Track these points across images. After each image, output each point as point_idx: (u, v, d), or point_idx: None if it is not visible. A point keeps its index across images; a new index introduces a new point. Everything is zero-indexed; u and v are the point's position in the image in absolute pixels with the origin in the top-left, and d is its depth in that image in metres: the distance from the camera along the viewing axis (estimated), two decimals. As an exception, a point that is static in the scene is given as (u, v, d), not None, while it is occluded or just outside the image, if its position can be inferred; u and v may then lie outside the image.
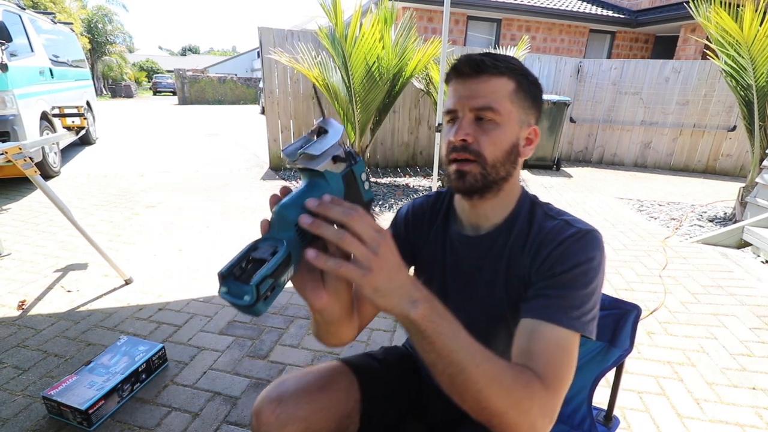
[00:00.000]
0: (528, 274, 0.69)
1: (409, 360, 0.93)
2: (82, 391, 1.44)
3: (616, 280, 2.60)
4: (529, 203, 0.76)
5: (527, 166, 6.14)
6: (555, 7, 9.57)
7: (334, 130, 0.49)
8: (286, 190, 0.50)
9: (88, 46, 23.06)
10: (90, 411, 1.38)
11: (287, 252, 0.43)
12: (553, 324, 0.60)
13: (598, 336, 0.91)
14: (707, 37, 4.09)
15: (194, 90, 21.95)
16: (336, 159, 0.47)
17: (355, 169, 0.50)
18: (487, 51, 0.71)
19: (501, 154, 0.68)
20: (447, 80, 0.73)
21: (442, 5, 5.75)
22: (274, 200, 0.48)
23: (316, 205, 0.44)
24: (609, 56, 10.70)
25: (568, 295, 0.62)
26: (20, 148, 2.01)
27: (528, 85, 0.70)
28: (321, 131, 0.49)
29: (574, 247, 0.65)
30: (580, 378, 0.93)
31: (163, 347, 1.71)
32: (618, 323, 0.89)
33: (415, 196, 1.04)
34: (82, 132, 5.90)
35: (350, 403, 0.78)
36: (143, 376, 1.61)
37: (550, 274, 0.65)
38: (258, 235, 0.46)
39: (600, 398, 0.94)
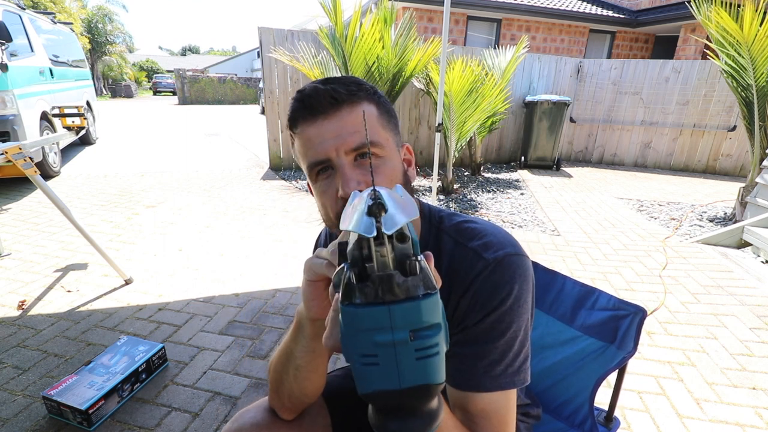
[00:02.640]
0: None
1: None
2: (82, 391, 1.44)
3: (616, 280, 2.60)
4: (434, 230, 0.66)
5: (527, 166, 6.15)
6: (555, 7, 9.56)
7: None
8: None
9: (88, 46, 23.06)
10: (90, 411, 1.38)
11: None
12: (479, 392, 0.55)
13: (601, 336, 0.91)
14: (707, 37, 4.09)
15: (194, 90, 21.95)
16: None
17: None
18: (327, 77, 0.60)
19: None
20: (294, 125, 0.59)
21: (442, 5, 5.74)
22: None
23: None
24: (609, 56, 10.70)
25: (485, 351, 0.56)
26: (20, 148, 2.01)
27: (383, 103, 0.62)
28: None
29: (484, 290, 0.57)
30: (582, 379, 0.93)
31: (163, 347, 1.71)
32: (622, 325, 0.89)
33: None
34: (82, 132, 5.90)
35: (318, 429, 0.73)
36: (143, 376, 1.61)
37: (462, 327, 0.58)
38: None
39: (601, 399, 0.94)
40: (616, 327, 0.89)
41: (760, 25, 3.29)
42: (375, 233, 0.29)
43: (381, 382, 0.30)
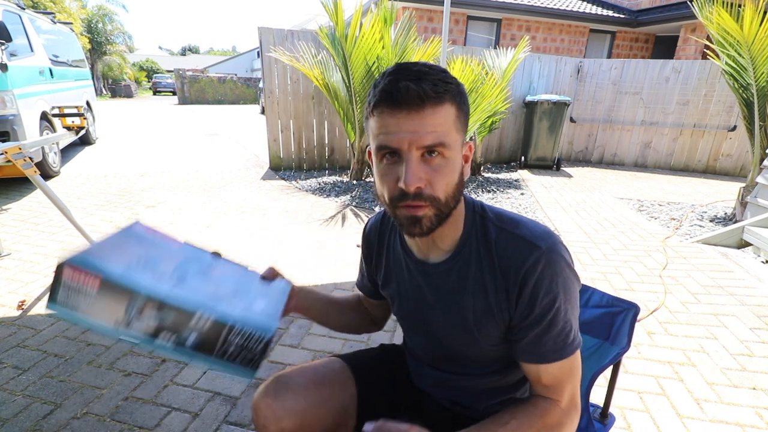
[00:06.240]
0: (507, 312, 0.67)
1: (405, 358, 0.93)
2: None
3: (616, 280, 2.60)
4: (478, 219, 0.70)
5: (527, 166, 6.15)
6: (555, 7, 9.57)
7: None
8: None
9: (88, 46, 23.07)
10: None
11: None
12: (554, 362, 0.65)
13: (595, 333, 0.92)
14: (707, 36, 4.10)
15: (194, 90, 21.96)
16: None
17: None
18: (419, 62, 0.61)
19: (453, 190, 0.62)
20: (375, 108, 0.60)
21: (442, 5, 5.75)
22: None
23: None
24: (609, 56, 10.70)
25: (553, 332, 0.65)
26: (20, 148, 2.01)
27: (464, 102, 0.63)
28: None
29: (542, 280, 0.63)
30: (579, 377, 0.93)
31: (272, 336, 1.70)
32: (616, 321, 0.89)
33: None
34: (82, 132, 5.90)
35: (347, 398, 0.81)
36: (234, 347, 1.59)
37: (528, 314, 0.65)
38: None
39: (597, 396, 0.94)
40: (610, 324, 0.90)
41: (760, 25, 3.29)
42: None
43: None
